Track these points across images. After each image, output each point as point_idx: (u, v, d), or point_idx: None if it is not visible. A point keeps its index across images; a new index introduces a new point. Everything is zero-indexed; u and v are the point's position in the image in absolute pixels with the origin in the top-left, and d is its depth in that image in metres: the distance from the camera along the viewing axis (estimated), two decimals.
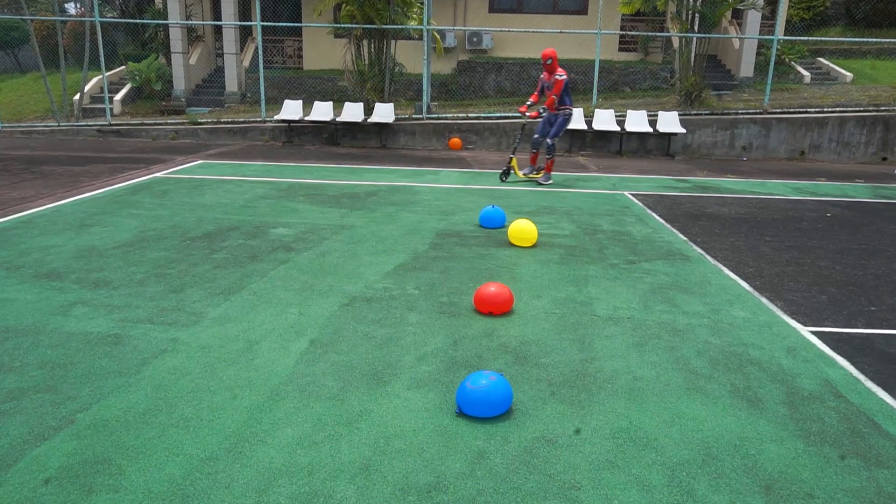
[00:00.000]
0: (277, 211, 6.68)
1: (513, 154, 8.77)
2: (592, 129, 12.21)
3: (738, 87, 15.51)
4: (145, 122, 13.35)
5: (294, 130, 12.82)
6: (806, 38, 15.65)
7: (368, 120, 12.38)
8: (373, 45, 12.98)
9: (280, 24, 13.95)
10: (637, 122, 12.22)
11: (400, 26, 12.71)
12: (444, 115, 13.05)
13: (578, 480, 2.40)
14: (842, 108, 12.67)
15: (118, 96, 14.94)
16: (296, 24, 14.42)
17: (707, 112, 12.66)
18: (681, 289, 4.61)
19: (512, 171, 8.77)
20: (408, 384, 3.08)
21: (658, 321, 3.99)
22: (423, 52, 12.93)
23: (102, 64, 13.22)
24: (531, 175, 8.75)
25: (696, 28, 13.53)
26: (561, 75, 8.19)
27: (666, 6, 13.55)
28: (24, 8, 14.17)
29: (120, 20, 16.71)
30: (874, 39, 15.19)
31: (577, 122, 12.25)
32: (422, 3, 12.84)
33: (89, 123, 13.23)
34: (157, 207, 6.72)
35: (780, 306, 4.35)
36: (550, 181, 8.55)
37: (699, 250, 5.69)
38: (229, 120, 13.28)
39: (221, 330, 3.65)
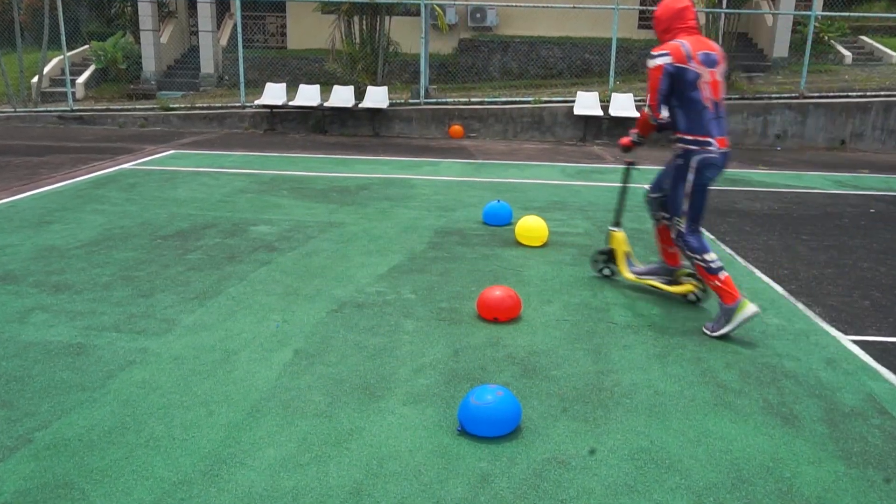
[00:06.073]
0: (258, 206, 6.69)
1: (616, 226, 4.73)
2: (609, 115, 12.22)
3: (771, 68, 15.51)
4: (111, 107, 13.35)
5: (277, 117, 12.83)
6: (847, 13, 15.65)
7: (360, 105, 12.38)
8: (364, 22, 12.98)
9: None
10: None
11: (395, 0, 12.71)
12: (443, 100, 13.05)
13: None
14: (887, 92, 12.67)
15: (81, 79, 14.94)
16: None
17: (737, 96, 12.66)
18: (707, 293, 4.61)
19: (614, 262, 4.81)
20: (403, 399, 3.08)
21: (682, 329, 3.99)
22: (420, 30, 12.94)
23: (63, 43, 13.22)
24: (649, 281, 4.59)
25: (724, 3, 13.53)
26: (658, 57, 3.91)
27: None
28: None
29: None
30: None
31: (591, 107, 12.26)
32: None
33: (49, 109, 13.24)
34: (125, 202, 6.72)
35: (818, 312, 4.35)
36: (738, 316, 3.83)
37: (728, 250, 5.69)
38: (205, 105, 13.29)
39: (196, 339, 3.65)
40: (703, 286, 4.31)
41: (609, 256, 4.80)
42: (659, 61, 3.87)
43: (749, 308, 3.80)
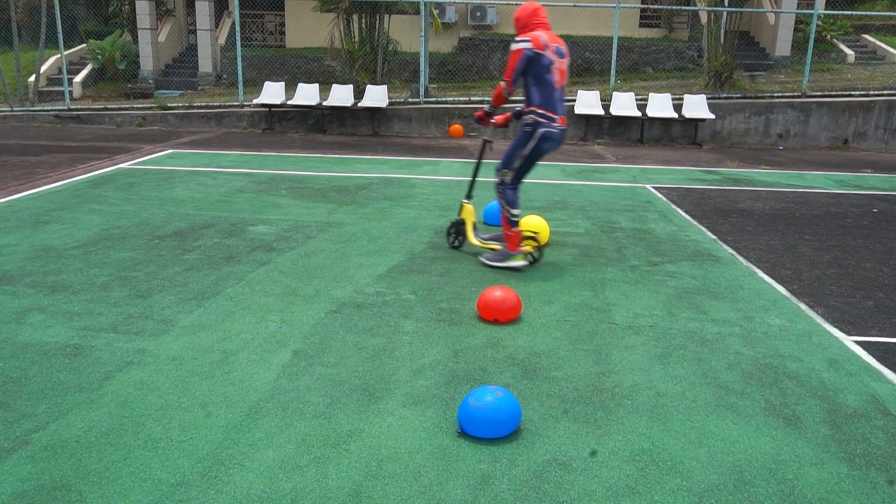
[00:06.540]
0: (257, 206, 6.69)
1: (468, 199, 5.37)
2: (610, 114, 12.22)
3: (773, 67, 15.52)
4: (109, 106, 13.35)
5: (275, 116, 12.83)
6: (849, 12, 15.65)
7: (359, 104, 12.39)
8: (364, 20, 12.99)
9: None
10: (660, 106, 12.23)
11: None
12: (443, 99, 13.05)
13: None
14: (890, 91, 12.67)
15: (78, 78, 14.95)
16: None
17: (739, 95, 12.66)
18: (709, 293, 4.62)
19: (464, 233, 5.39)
20: (403, 400, 3.08)
21: (684, 330, 3.99)
22: (420, 28, 12.94)
23: (61, 41, 13.22)
24: (492, 245, 5.19)
25: (726, 1, 13.54)
26: (521, 42, 4.62)
27: None
28: None
29: None
30: None
31: (593, 106, 12.27)
32: None
33: (46, 108, 13.24)
34: (122, 202, 6.72)
35: (820, 313, 4.35)
36: (508, 262, 4.99)
37: (730, 250, 5.69)
38: (203, 104, 13.29)
39: (194, 340, 3.66)
40: (540, 249, 5.08)
41: (459, 227, 5.42)
42: (521, 46, 4.59)
43: (520, 262, 4.96)
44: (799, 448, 2.80)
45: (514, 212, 4.90)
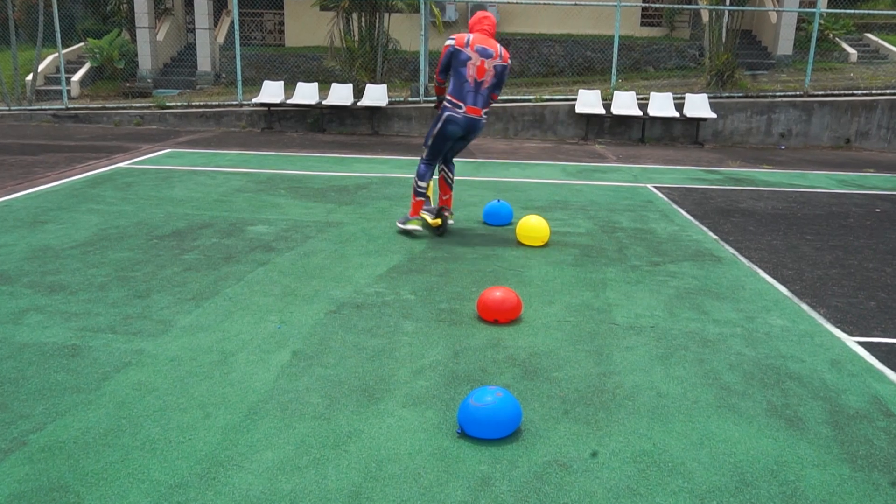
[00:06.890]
0: (256, 206, 6.69)
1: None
2: (611, 113, 12.23)
3: (775, 66, 15.53)
4: (107, 105, 13.36)
5: (274, 115, 12.83)
6: (852, 10, 15.65)
7: (358, 103, 12.39)
8: (363, 19, 13.00)
9: None
10: (661, 105, 12.23)
11: None
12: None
13: None
14: (892, 90, 12.68)
15: (76, 77, 14.96)
16: None
17: (740, 94, 12.67)
18: (711, 294, 4.62)
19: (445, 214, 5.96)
20: (403, 401, 3.08)
21: (685, 330, 3.99)
22: (420, 27, 12.94)
23: (58, 40, 13.22)
24: (423, 215, 5.95)
25: (727, 0, 13.54)
26: (449, 40, 5.51)
27: None
28: None
29: None
30: None
31: (594, 106, 12.28)
32: None
33: (44, 107, 13.25)
34: (120, 202, 6.72)
35: (822, 313, 4.35)
36: (408, 226, 5.86)
37: (731, 250, 5.69)
38: (201, 104, 13.29)
39: (192, 340, 3.66)
40: (446, 223, 5.83)
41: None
42: (447, 42, 5.45)
43: (414, 226, 5.80)
44: (801, 449, 2.80)
45: (421, 184, 5.73)
